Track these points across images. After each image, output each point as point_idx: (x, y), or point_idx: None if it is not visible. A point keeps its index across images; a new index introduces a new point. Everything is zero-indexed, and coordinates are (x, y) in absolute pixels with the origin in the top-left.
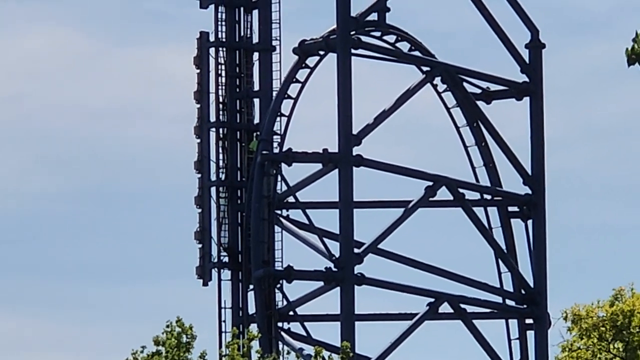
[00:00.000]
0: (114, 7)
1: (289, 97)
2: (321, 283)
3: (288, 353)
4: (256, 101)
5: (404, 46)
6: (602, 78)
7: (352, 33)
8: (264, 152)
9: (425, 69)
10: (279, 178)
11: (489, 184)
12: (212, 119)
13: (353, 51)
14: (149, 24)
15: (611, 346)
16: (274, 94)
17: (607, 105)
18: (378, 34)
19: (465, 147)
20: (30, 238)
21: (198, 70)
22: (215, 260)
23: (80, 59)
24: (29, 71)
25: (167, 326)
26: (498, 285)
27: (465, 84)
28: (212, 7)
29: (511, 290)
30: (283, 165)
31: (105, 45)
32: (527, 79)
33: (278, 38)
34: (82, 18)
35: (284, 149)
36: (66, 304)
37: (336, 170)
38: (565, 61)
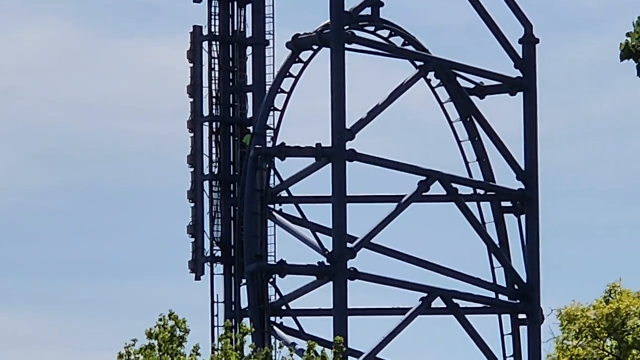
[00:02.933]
0: (107, 1)
1: (283, 91)
2: (314, 278)
3: (281, 347)
4: (250, 95)
5: (398, 41)
6: (596, 74)
7: (346, 28)
8: (257, 146)
9: (419, 63)
10: (272, 172)
11: (482, 179)
12: (206, 113)
13: (347, 46)
14: (141, 18)
15: (605, 345)
16: (268, 88)
17: (601, 100)
18: (372, 28)
19: (459, 142)
20: (22, 234)
21: (191, 65)
22: (208, 254)
23: (72, 53)
24: (21, 66)
25: (160, 320)
26: (491, 281)
27: (458, 79)
28: (205, 1)
29: (504, 285)
30: (276, 159)
31: (98, 39)
32: (520, 74)
33: (272, 32)
34: (74, 12)
35: (277, 143)
36: (58, 300)
37: (329, 165)
38: (560, 57)
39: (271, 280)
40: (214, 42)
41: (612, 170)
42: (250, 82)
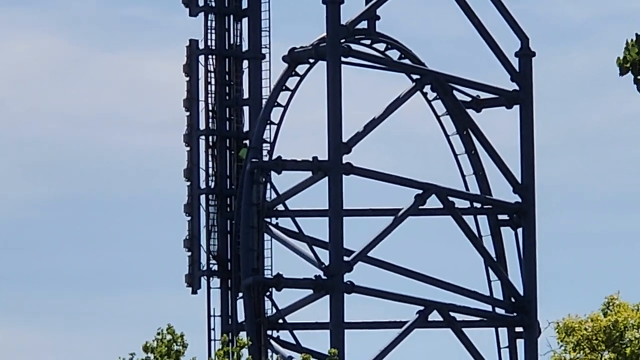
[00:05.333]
0: (100, 14)
1: (279, 104)
2: (310, 291)
3: None
4: (246, 109)
5: (394, 54)
6: (592, 86)
7: (342, 41)
8: (254, 159)
9: (415, 77)
10: (269, 186)
11: (478, 192)
12: (202, 126)
13: (343, 59)
14: (137, 31)
15: (603, 357)
16: (264, 101)
17: (597, 113)
18: (368, 42)
19: (455, 155)
20: (16, 246)
21: (187, 78)
22: (205, 268)
23: (65, 66)
24: (14, 77)
25: (158, 333)
26: (488, 294)
27: (455, 92)
28: (201, 14)
29: (501, 298)
30: (272, 173)
31: (91, 51)
32: (517, 87)
33: (268, 46)
34: (67, 25)
35: (274, 156)
36: (54, 313)
37: (326, 178)
38: (554, 69)
39: (268, 293)
40: (210, 56)
41: (608, 183)
42: (246, 95)
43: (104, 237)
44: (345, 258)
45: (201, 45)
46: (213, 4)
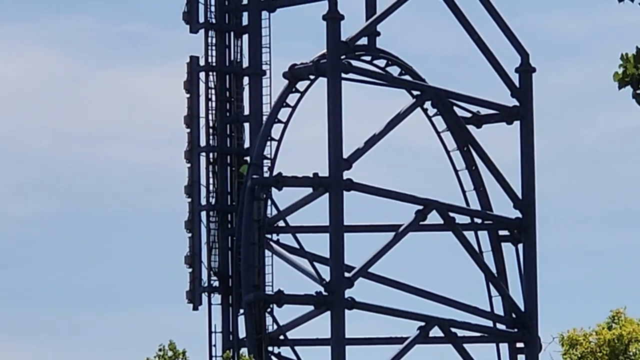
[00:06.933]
0: (100, 30)
1: (279, 121)
2: (312, 307)
3: None
4: (246, 125)
5: (395, 70)
6: (591, 101)
7: (342, 57)
8: (254, 176)
9: (415, 93)
10: (269, 202)
11: (479, 208)
12: (203, 143)
13: (343, 75)
14: (137, 48)
15: None
16: (264, 118)
17: (597, 127)
18: (368, 58)
19: (456, 171)
20: (16, 263)
21: (188, 95)
22: (206, 284)
23: (66, 82)
24: (13, 93)
25: (160, 349)
26: (489, 309)
27: (455, 108)
28: (202, 31)
29: (502, 314)
30: (273, 189)
31: (91, 68)
32: (517, 103)
33: (268, 62)
34: (66, 41)
35: (274, 173)
36: (55, 329)
37: (326, 195)
38: (555, 84)
39: (269, 309)
40: (210, 72)
41: (609, 198)
42: (247, 112)
43: (104, 254)
44: (346, 274)
45: (202, 62)
46: (213, 21)
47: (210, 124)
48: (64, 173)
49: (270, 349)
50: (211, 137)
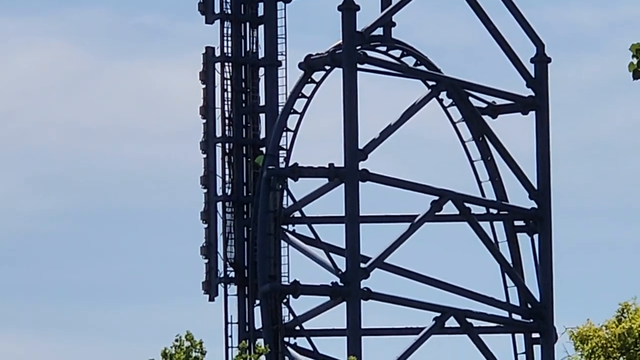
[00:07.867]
0: (115, 22)
1: (295, 112)
2: (327, 298)
3: None
4: (262, 116)
5: (410, 61)
6: (608, 92)
7: (357, 48)
8: (270, 167)
9: (431, 83)
10: (285, 193)
11: (495, 199)
12: (218, 134)
13: (359, 66)
14: (152, 39)
15: None
16: (280, 109)
17: (613, 119)
18: (384, 48)
19: (471, 162)
20: (32, 257)
21: (204, 86)
22: (222, 275)
23: (80, 74)
24: (28, 87)
25: (177, 340)
26: (504, 300)
27: (471, 99)
28: (217, 22)
29: (517, 304)
30: (289, 180)
31: (106, 60)
32: (532, 93)
33: (284, 53)
34: (81, 33)
35: (290, 163)
36: (71, 324)
37: (342, 185)
38: (571, 75)
39: (285, 300)
40: (226, 63)
41: (625, 189)
42: (262, 102)
43: (121, 246)
44: (362, 265)
45: (217, 53)
46: (229, 12)
47: (226, 115)
48: (80, 166)
49: (286, 339)
50: (227, 128)
